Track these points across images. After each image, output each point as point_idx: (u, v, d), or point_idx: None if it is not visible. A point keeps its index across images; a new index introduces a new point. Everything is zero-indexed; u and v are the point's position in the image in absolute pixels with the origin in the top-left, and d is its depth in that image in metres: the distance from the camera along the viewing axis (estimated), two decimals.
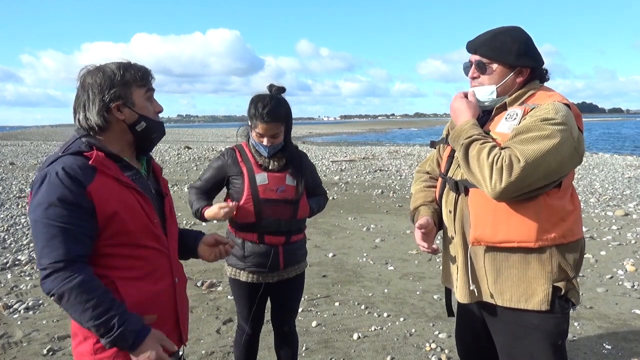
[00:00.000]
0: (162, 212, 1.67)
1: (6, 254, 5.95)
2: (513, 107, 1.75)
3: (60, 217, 1.38)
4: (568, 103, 1.70)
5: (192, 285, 4.73)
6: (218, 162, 2.46)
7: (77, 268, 1.39)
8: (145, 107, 1.57)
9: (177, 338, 1.68)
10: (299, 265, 2.53)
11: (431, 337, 3.64)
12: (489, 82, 1.79)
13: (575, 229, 1.74)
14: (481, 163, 1.60)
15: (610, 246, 6.11)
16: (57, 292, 1.37)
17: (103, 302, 1.39)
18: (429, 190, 2.09)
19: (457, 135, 1.74)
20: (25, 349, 3.47)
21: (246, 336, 2.57)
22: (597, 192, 10.25)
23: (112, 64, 1.53)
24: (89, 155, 1.45)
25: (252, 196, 2.33)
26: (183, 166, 16.55)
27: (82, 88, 1.52)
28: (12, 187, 11.43)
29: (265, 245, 2.39)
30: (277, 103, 2.32)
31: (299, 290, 2.60)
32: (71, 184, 1.39)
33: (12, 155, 21.79)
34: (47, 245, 1.38)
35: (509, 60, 1.76)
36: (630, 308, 4.13)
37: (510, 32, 1.79)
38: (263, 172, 2.36)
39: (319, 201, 2.59)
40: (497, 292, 1.76)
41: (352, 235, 6.94)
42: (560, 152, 1.58)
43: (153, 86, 1.62)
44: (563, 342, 1.77)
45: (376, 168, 15.60)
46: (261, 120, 2.28)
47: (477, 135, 1.69)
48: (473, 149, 1.65)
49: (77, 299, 1.37)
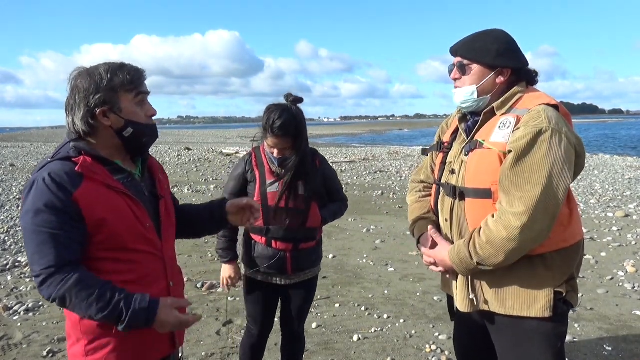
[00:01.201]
0: (158, 214, 1.64)
1: (6, 255, 5.95)
2: (505, 115, 1.73)
3: (48, 223, 1.38)
4: (556, 104, 1.70)
5: (192, 287, 4.73)
6: (238, 171, 2.46)
7: (69, 269, 1.39)
8: (133, 112, 1.52)
9: (170, 342, 1.65)
10: (310, 270, 2.51)
11: (431, 339, 3.64)
12: (470, 83, 1.80)
13: (576, 231, 1.74)
14: (496, 244, 1.60)
15: (610, 247, 6.10)
16: (57, 295, 1.38)
17: (105, 292, 1.39)
18: (424, 200, 2.07)
19: (465, 268, 1.71)
20: (25, 351, 3.47)
21: (253, 338, 2.57)
22: (597, 193, 10.25)
23: (102, 67, 1.49)
24: (77, 161, 1.43)
25: (261, 202, 2.31)
26: (183, 167, 16.55)
27: (71, 91, 1.50)
28: (12, 189, 11.43)
29: (272, 249, 2.39)
30: (290, 117, 2.27)
31: (309, 294, 2.58)
32: (57, 190, 1.38)
33: (13, 156, 21.81)
34: (37, 252, 1.39)
35: (488, 61, 1.77)
36: (631, 309, 4.13)
37: (490, 34, 1.81)
38: (275, 179, 2.34)
39: (336, 209, 2.54)
40: (498, 301, 1.74)
41: (352, 236, 6.93)
42: (560, 170, 1.58)
43: (147, 89, 1.57)
44: (562, 344, 1.76)
45: (376, 169, 15.61)
46: (271, 133, 2.26)
47: (465, 248, 1.68)
48: (479, 253, 1.64)
49: (79, 297, 1.37)
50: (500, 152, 1.66)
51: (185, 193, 10.75)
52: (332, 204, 2.54)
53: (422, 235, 1.96)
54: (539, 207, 1.55)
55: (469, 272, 1.73)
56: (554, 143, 1.58)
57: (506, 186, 1.61)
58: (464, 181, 1.76)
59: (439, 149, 2.00)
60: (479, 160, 1.72)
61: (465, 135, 1.86)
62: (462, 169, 1.78)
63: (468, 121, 1.88)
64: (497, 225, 1.60)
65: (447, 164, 1.89)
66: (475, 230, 1.68)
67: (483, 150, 1.71)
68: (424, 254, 1.91)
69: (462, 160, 1.80)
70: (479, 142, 1.73)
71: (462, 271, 1.74)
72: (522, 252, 1.62)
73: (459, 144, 1.88)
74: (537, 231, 1.57)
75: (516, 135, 1.63)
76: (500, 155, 1.66)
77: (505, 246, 1.59)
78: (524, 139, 1.60)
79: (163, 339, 1.62)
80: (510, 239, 1.57)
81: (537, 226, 1.56)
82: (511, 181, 1.60)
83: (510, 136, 1.65)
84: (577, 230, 1.76)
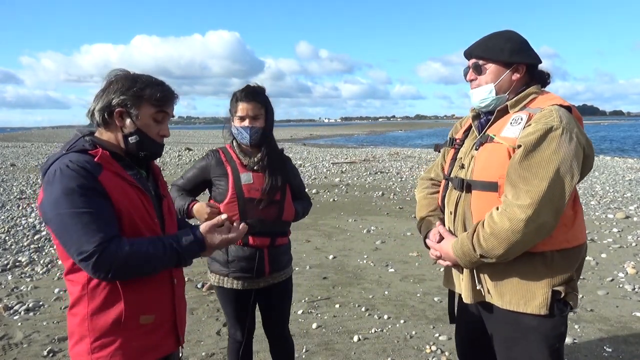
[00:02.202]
0: (161, 213, 1.68)
1: (7, 255, 5.96)
2: (517, 112, 1.76)
3: (87, 202, 1.40)
4: (569, 105, 1.72)
5: (192, 287, 4.73)
6: (202, 163, 2.45)
7: (118, 240, 1.42)
8: (148, 125, 1.59)
9: (174, 340, 1.68)
10: (284, 271, 2.48)
11: (431, 340, 3.64)
12: (486, 82, 1.83)
13: (578, 234, 1.75)
14: (499, 236, 1.61)
15: (610, 249, 6.10)
16: (117, 265, 1.40)
17: (157, 245, 1.47)
18: (432, 197, 2.11)
19: (468, 260, 1.73)
20: (25, 351, 3.47)
21: (238, 345, 2.50)
22: (597, 195, 10.25)
23: (144, 76, 1.60)
24: (94, 153, 1.49)
25: (236, 195, 2.30)
26: (184, 168, 16.56)
27: (107, 83, 1.58)
28: (12, 189, 11.45)
29: (249, 248, 2.34)
30: (256, 86, 2.38)
31: (287, 295, 2.54)
32: (84, 172, 1.43)
33: (13, 156, 21.83)
34: (84, 232, 1.38)
35: (503, 58, 1.80)
36: (631, 311, 4.13)
37: (503, 34, 1.85)
38: (248, 172, 2.34)
39: (304, 205, 2.57)
40: (497, 294, 1.77)
41: (352, 237, 6.93)
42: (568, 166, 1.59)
43: (172, 112, 1.65)
44: (561, 345, 1.77)
45: (377, 170, 15.60)
46: (241, 100, 2.32)
47: (468, 241, 1.70)
48: (482, 245, 1.65)
49: (139, 258, 1.43)
50: (510, 146, 1.68)
51: None
52: (300, 201, 2.56)
53: (430, 231, 1.97)
54: (544, 201, 1.57)
55: (472, 264, 1.75)
56: (564, 141, 1.60)
57: (513, 179, 1.62)
58: (472, 174, 1.79)
59: (451, 145, 2.03)
60: (488, 154, 1.75)
61: (478, 132, 1.90)
62: (472, 163, 1.81)
63: (481, 119, 1.92)
64: (501, 217, 1.61)
65: (458, 160, 1.92)
66: (479, 222, 1.69)
67: (493, 144, 1.74)
68: (430, 247, 1.92)
69: (473, 155, 1.83)
70: (490, 137, 1.76)
71: (466, 264, 1.75)
72: (525, 245, 1.63)
73: (470, 140, 1.92)
74: (540, 225, 1.59)
75: (527, 131, 1.65)
76: (509, 150, 1.68)
77: (509, 238, 1.60)
78: (534, 134, 1.62)
79: (169, 338, 1.64)
80: (515, 231, 1.58)
81: (541, 220, 1.58)
82: (519, 175, 1.61)
83: (521, 132, 1.67)
84: (581, 233, 1.77)
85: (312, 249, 6.20)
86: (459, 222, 1.83)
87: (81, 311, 1.50)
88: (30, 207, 9.13)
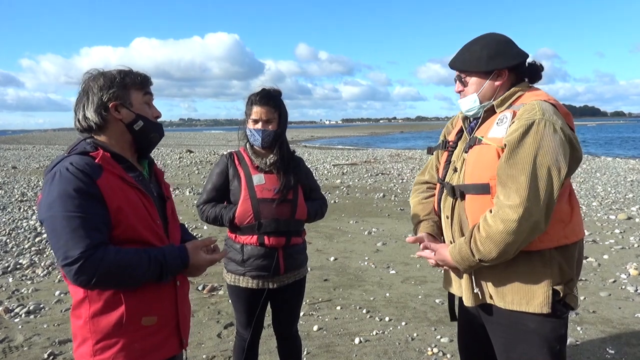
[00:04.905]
0: (164, 215, 1.69)
1: (8, 257, 5.96)
2: (503, 112, 1.76)
3: (80, 207, 1.41)
4: (554, 102, 1.71)
5: (193, 289, 4.72)
6: (217, 169, 2.50)
7: (104, 248, 1.42)
8: (143, 109, 1.64)
9: (177, 342, 1.67)
10: (299, 270, 2.52)
11: (433, 342, 3.63)
12: (471, 92, 1.85)
13: (576, 229, 1.75)
14: (495, 239, 1.62)
15: (613, 250, 6.08)
16: (100, 272, 1.39)
17: (141, 256, 1.47)
18: (427, 202, 2.11)
19: (467, 265, 1.74)
20: (26, 353, 3.46)
21: (244, 343, 2.54)
22: (599, 196, 10.22)
23: (113, 69, 1.63)
24: (95, 155, 1.50)
25: (249, 196, 2.36)
26: (185, 170, 16.57)
27: (83, 90, 1.59)
28: (14, 191, 11.46)
29: (265, 248, 2.38)
30: (271, 90, 2.43)
31: (300, 295, 2.58)
32: (83, 176, 1.44)
33: (15, 159, 21.86)
34: (72, 237, 1.39)
35: (481, 68, 1.81)
36: (634, 312, 4.11)
37: (478, 41, 1.85)
38: (260, 173, 2.40)
39: (317, 205, 2.59)
40: (498, 295, 1.76)
41: (353, 239, 6.92)
42: (552, 156, 1.59)
43: (152, 93, 1.69)
44: (562, 347, 1.76)
45: (378, 171, 15.60)
46: (255, 103, 2.38)
47: (466, 246, 1.70)
48: (480, 249, 1.66)
49: (121, 268, 1.42)
50: (498, 147, 1.68)
51: (187, 195, 10.74)
52: (314, 202, 2.58)
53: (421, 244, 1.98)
54: (531, 196, 1.57)
55: (471, 268, 1.75)
56: (547, 133, 1.60)
57: (503, 179, 1.63)
58: (464, 178, 1.79)
59: (444, 147, 2.03)
60: (477, 155, 1.75)
61: (468, 134, 1.90)
62: (464, 167, 1.81)
63: (471, 121, 1.92)
64: (494, 219, 1.61)
65: (451, 163, 1.92)
66: (474, 226, 1.70)
67: (482, 146, 1.74)
68: (426, 257, 1.92)
69: (464, 158, 1.83)
70: (478, 139, 1.77)
71: (465, 268, 1.76)
72: (521, 244, 1.63)
73: (462, 142, 1.92)
74: (533, 222, 1.58)
75: (511, 129, 1.66)
76: (498, 150, 1.68)
77: (504, 240, 1.60)
78: (517, 131, 1.62)
79: (171, 340, 1.63)
80: (509, 232, 1.59)
81: (533, 217, 1.58)
82: (507, 173, 1.61)
83: (507, 130, 1.68)
84: (578, 229, 1.76)
85: (313, 250, 6.19)
86: (455, 227, 1.83)
87: (83, 313, 1.51)
88: (31, 209, 9.14)
